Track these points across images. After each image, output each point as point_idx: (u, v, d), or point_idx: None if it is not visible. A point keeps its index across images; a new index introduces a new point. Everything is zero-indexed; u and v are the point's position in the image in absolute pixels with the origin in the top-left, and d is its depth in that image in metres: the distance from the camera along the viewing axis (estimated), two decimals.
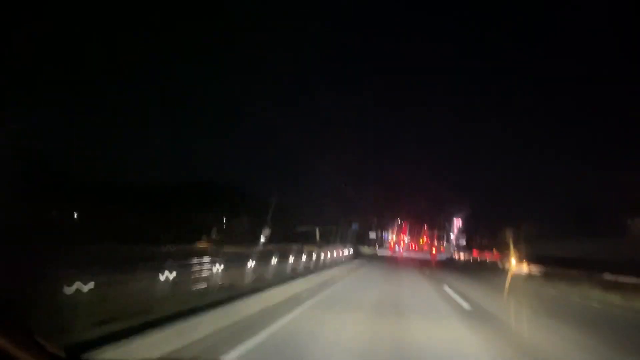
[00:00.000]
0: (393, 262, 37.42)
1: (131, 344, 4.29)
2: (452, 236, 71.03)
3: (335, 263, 23.27)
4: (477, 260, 48.59)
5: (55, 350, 1.91)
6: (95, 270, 5.45)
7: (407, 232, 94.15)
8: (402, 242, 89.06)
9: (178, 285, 6.96)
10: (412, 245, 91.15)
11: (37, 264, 5.52)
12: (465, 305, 11.05)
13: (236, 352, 5.30)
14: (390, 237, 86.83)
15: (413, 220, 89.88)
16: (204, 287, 8.06)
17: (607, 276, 16.99)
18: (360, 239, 52.32)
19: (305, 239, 36.37)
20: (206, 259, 8.87)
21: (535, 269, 24.65)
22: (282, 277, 12.39)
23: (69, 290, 4.93)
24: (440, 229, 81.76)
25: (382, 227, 79.67)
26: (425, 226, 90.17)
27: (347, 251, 32.28)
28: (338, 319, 8.23)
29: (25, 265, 5.35)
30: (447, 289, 14.81)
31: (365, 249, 52.13)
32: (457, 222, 67.29)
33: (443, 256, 62.47)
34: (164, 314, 5.66)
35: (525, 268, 26.20)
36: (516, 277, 22.73)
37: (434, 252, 69.58)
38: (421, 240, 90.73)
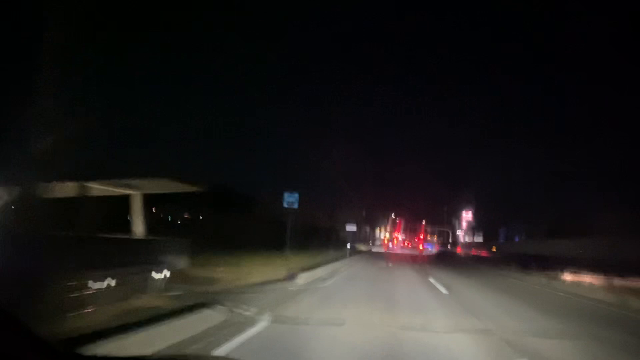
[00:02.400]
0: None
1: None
2: (460, 232, 61.40)
3: None
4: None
5: (52, 344, 1.87)
6: None
7: (402, 230, 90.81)
8: (396, 240, 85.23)
9: None
10: (406, 243, 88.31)
11: None
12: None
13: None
14: (384, 234, 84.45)
15: (410, 218, 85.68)
16: None
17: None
18: (331, 234, 38.39)
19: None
20: None
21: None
22: None
23: None
24: (440, 224, 72.67)
25: (373, 222, 75.02)
26: (424, 222, 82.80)
27: None
28: None
29: None
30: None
31: (361, 246, 43.35)
32: (466, 217, 57.70)
33: (432, 250, 64.38)
34: None
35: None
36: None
37: (421, 248, 71.17)
38: (416, 239, 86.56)
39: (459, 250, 57.58)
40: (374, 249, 56.93)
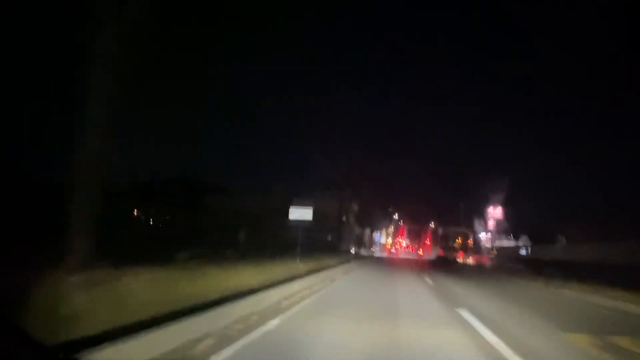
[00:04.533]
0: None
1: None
2: (485, 235, 46.39)
3: None
4: None
5: (50, 349, 1.93)
6: None
7: (406, 234, 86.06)
8: (399, 245, 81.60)
9: None
10: (410, 248, 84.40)
11: None
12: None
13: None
14: (385, 238, 79.81)
15: (417, 218, 78.21)
16: None
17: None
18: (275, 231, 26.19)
19: None
20: None
21: None
22: None
23: None
24: (454, 224, 58.01)
25: (373, 224, 68.88)
26: (432, 224, 69.80)
27: None
28: None
29: None
30: None
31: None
32: (494, 214, 42.83)
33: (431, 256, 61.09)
34: None
35: None
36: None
37: (421, 253, 68.24)
38: (419, 245, 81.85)
39: (460, 255, 48.51)
40: (376, 255, 49.05)
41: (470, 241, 44.53)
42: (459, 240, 49.47)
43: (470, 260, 31.62)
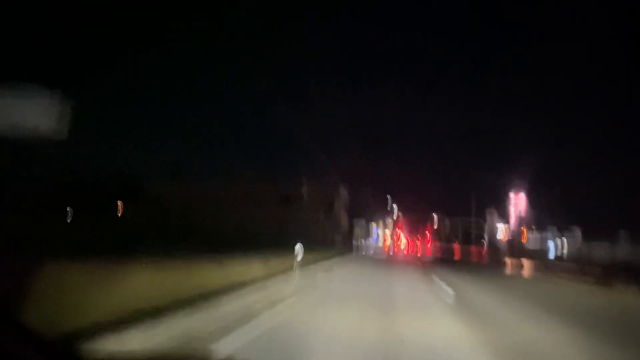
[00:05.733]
0: None
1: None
2: (505, 227, 38.13)
3: None
4: None
5: (51, 340, 1.84)
6: None
7: (405, 229, 79.12)
8: (398, 240, 75.14)
9: None
10: (410, 246, 77.71)
11: None
12: None
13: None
14: (382, 231, 73.99)
15: (420, 210, 71.92)
16: None
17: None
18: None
19: None
20: None
21: None
22: None
23: None
24: (465, 215, 50.56)
25: (367, 217, 64.22)
26: (435, 217, 64.34)
27: None
28: None
29: None
30: None
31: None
32: (517, 201, 34.61)
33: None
34: None
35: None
36: None
37: (419, 252, 64.77)
38: (418, 241, 75.91)
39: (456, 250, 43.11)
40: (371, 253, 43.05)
41: (525, 234, 35.47)
42: (503, 238, 39.71)
43: (527, 269, 23.25)
